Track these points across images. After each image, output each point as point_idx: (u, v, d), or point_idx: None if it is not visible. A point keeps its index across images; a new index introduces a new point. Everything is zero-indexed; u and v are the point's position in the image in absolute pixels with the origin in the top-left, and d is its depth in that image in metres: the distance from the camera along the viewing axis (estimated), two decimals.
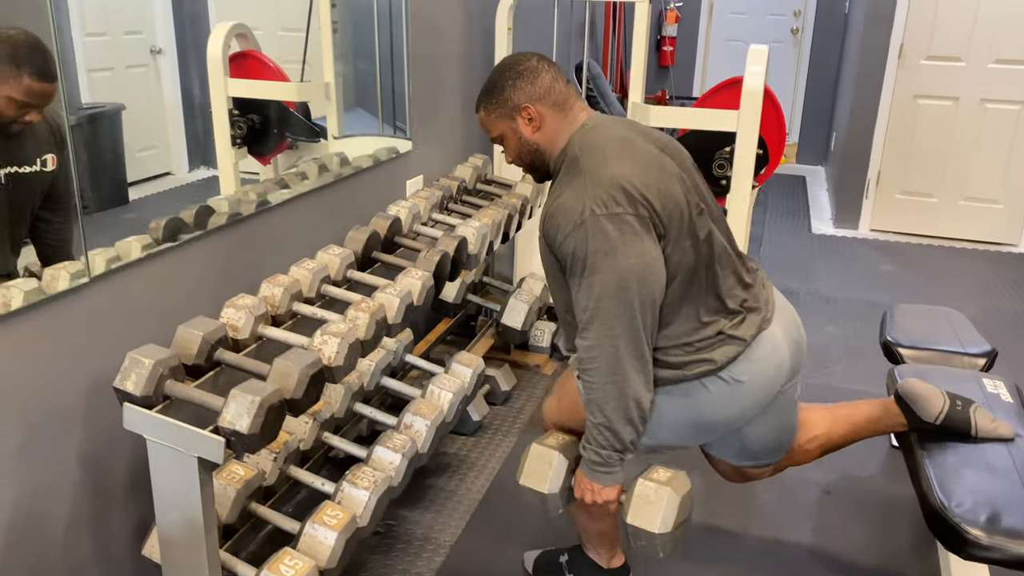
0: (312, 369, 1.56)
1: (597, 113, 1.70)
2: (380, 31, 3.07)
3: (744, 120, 2.97)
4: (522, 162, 1.73)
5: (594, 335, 1.52)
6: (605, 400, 1.54)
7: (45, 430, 1.54)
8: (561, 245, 1.54)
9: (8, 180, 1.53)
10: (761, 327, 1.65)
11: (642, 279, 1.50)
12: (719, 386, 1.63)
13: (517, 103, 1.65)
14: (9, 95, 1.48)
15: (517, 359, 3.17)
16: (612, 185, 1.51)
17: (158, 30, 2.72)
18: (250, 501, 1.80)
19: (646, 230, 1.52)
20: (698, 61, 6.77)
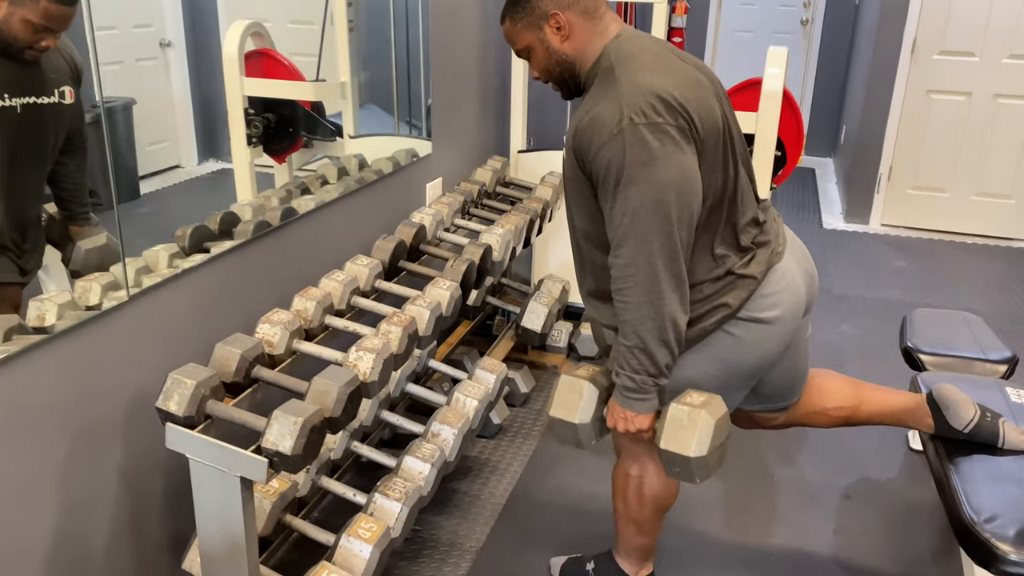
0: (350, 387, 1.57)
1: (629, 26, 1.64)
2: (396, 29, 3.06)
3: (763, 122, 2.97)
4: (550, 76, 1.66)
5: (630, 251, 1.47)
6: (640, 321, 1.50)
7: (86, 446, 1.56)
8: (595, 158, 1.48)
9: (25, 110, 1.46)
10: (771, 261, 1.63)
11: (681, 192, 1.45)
12: (740, 328, 1.61)
13: (545, 11, 1.58)
14: (26, 17, 1.41)
15: (534, 359, 3.19)
16: (651, 94, 1.45)
17: (167, 23, 2.72)
18: (284, 513, 1.83)
19: (687, 141, 1.46)
20: (707, 52, 6.73)
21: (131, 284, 1.68)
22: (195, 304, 1.80)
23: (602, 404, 1.69)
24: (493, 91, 3.42)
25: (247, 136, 2.71)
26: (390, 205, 2.61)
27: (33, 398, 1.43)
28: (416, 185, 2.84)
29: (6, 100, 1.43)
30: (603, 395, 1.69)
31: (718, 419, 1.58)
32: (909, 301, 3.92)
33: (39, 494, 1.47)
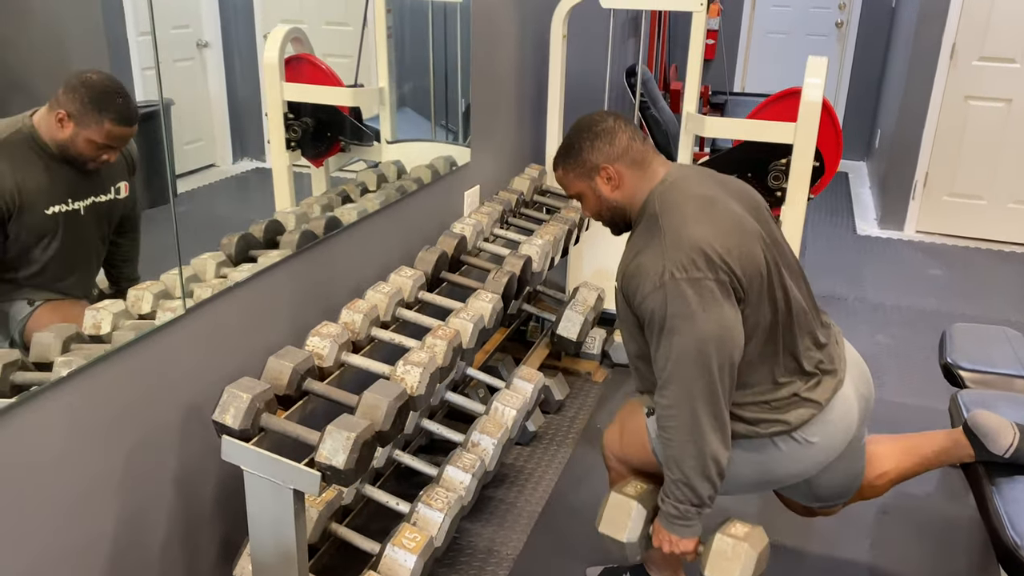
0: (399, 401, 1.61)
1: (676, 166, 1.71)
2: (434, 36, 3.09)
3: (801, 132, 2.96)
4: (601, 218, 1.75)
5: (672, 396, 1.56)
6: (683, 458, 1.58)
7: (142, 455, 1.60)
8: (640, 305, 1.57)
9: (87, 210, 1.60)
10: (836, 389, 1.69)
11: (720, 344, 1.52)
12: (790, 445, 1.67)
13: (596, 163, 1.67)
14: (90, 138, 1.53)
15: (568, 365, 3.21)
16: (692, 248, 1.53)
17: (204, 24, 2.77)
18: (331, 521, 1.87)
19: (725, 295, 1.53)
20: (740, 54, 6.71)
21: (181, 293, 1.73)
22: (246, 316, 1.84)
23: (648, 522, 1.76)
24: (530, 98, 3.45)
25: (286, 140, 2.76)
26: (430, 214, 2.65)
27: (95, 411, 1.47)
28: (455, 193, 2.87)
29: (70, 204, 1.56)
30: (650, 514, 1.77)
31: (760, 551, 1.65)
32: (945, 310, 3.89)
33: (99, 502, 1.52)
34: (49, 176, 1.52)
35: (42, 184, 1.50)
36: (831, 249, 4.74)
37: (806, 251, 4.68)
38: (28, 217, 1.48)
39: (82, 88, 1.51)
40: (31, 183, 1.48)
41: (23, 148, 1.48)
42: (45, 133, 1.50)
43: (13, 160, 1.45)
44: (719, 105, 5.83)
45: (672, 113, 4.60)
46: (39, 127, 1.50)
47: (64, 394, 1.41)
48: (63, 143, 1.51)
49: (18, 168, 1.46)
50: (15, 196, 1.45)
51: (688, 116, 3.20)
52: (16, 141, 1.47)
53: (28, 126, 1.49)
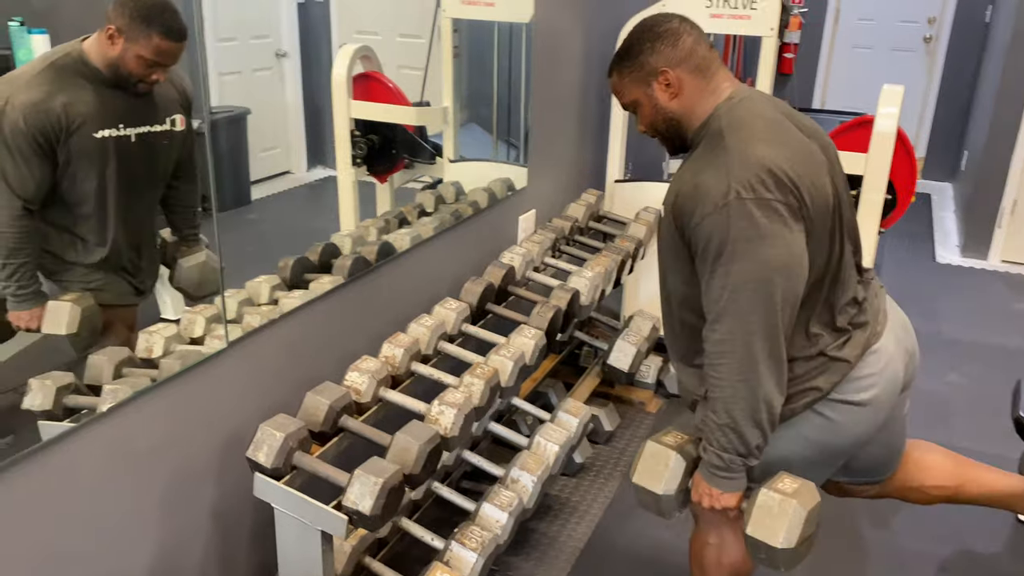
0: (431, 445, 1.60)
1: (743, 85, 1.57)
2: (499, 54, 3.09)
3: (873, 164, 2.85)
4: (656, 131, 1.61)
5: (727, 328, 1.43)
6: (734, 400, 1.45)
7: (181, 485, 1.64)
8: (697, 227, 1.43)
9: (139, 139, 1.57)
10: (868, 342, 1.57)
11: (788, 273, 1.40)
12: (835, 410, 1.56)
13: (655, 67, 1.52)
14: (139, 53, 1.50)
15: (621, 394, 3.16)
16: (761, 168, 1.40)
17: (283, 34, 2.83)
18: (364, 555, 1.88)
19: (795, 220, 1.41)
20: (820, 69, 6.50)
21: (233, 317, 1.76)
22: (291, 347, 1.87)
23: (688, 475, 1.64)
24: (592, 117, 3.41)
25: (352, 156, 2.80)
26: (484, 239, 2.64)
27: (136, 443, 1.51)
28: (509, 217, 2.85)
29: (121, 130, 1.54)
30: (690, 466, 1.65)
31: (810, 510, 1.51)
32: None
33: (137, 530, 1.56)
34: (99, 100, 1.50)
35: (91, 107, 1.48)
36: (906, 277, 4.54)
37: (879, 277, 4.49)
38: (76, 141, 1.46)
39: (131, 3, 1.50)
40: (80, 106, 1.46)
41: (71, 71, 1.47)
42: (96, 56, 1.49)
43: (61, 82, 1.45)
44: None
45: None
46: (89, 51, 1.49)
47: (107, 425, 1.45)
48: (113, 61, 1.49)
49: (66, 90, 1.45)
50: (61, 118, 1.44)
51: None
52: (65, 64, 1.47)
53: (77, 50, 1.49)
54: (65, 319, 1.48)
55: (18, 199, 1.42)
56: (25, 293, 1.45)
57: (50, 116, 1.42)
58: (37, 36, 1.49)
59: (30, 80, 1.42)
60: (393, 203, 2.83)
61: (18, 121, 1.39)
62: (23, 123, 1.39)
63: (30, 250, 1.45)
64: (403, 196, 2.81)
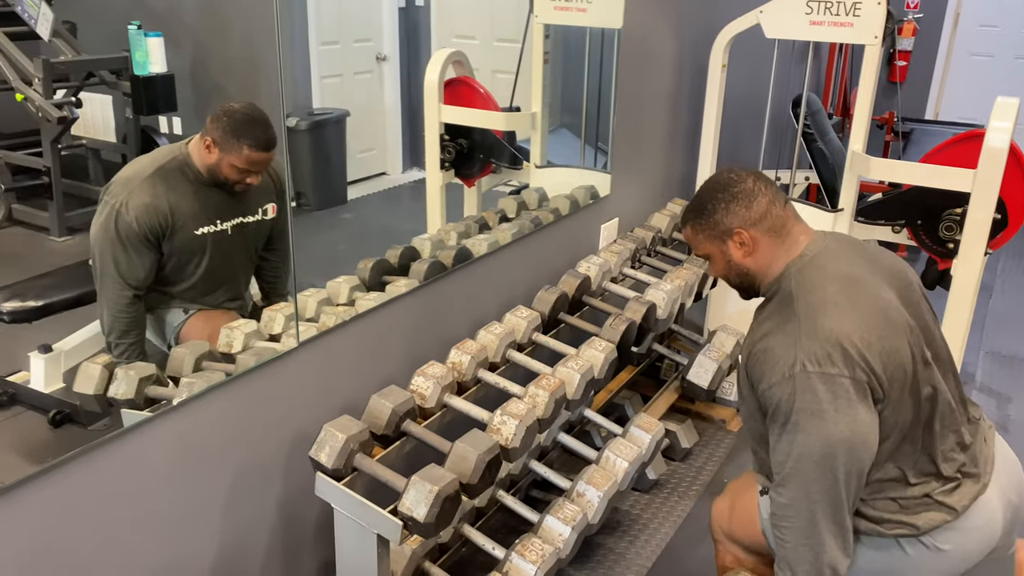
0: (489, 455, 1.59)
1: (820, 236, 1.57)
2: (590, 60, 3.06)
3: (982, 181, 2.67)
4: (728, 281, 1.65)
5: (790, 494, 1.44)
6: (797, 562, 1.46)
7: (248, 479, 1.68)
8: (765, 392, 1.45)
9: (234, 230, 1.73)
10: (977, 495, 1.50)
11: (850, 450, 1.39)
12: (918, 550, 1.50)
13: (729, 227, 1.55)
14: (232, 163, 1.64)
15: (702, 411, 3.07)
16: (829, 341, 1.40)
17: (384, 38, 2.88)
18: (424, 560, 1.88)
19: (861, 396, 1.40)
20: (935, 77, 6.17)
21: (311, 315, 1.82)
22: (361, 349, 1.89)
23: None
24: (683, 126, 3.33)
25: (440, 160, 2.83)
26: (563, 247, 2.61)
27: (207, 434, 1.56)
28: (591, 225, 2.82)
29: (218, 225, 1.70)
30: None
31: None
32: None
33: (204, 521, 1.61)
34: (199, 199, 1.66)
35: (193, 207, 1.65)
36: (1021, 300, 4.25)
37: (991, 301, 4.22)
38: (180, 237, 1.63)
39: (224, 117, 1.64)
40: (184, 206, 1.63)
41: (177, 174, 1.64)
42: (197, 160, 1.65)
43: (168, 184, 1.61)
44: (906, 134, 5.39)
45: (840, 144, 4.30)
46: (192, 154, 1.65)
47: (181, 416, 1.50)
48: (211, 167, 1.65)
49: (172, 192, 1.61)
50: (168, 217, 1.60)
51: (853, 155, 2.97)
52: (172, 168, 1.63)
53: (183, 153, 1.65)
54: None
55: (129, 288, 1.58)
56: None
57: (159, 216, 1.59)
58: (153, 39, 1.60)
59: (142, 183, 1.58)
60: (479, 207, 2.84)
61: (132, 222, 1.55)
62: (135, 224, 1.56)
63: (139, 331, 1.61)
64: (490, 200, 2.83)
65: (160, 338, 1.71)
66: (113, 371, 1.53)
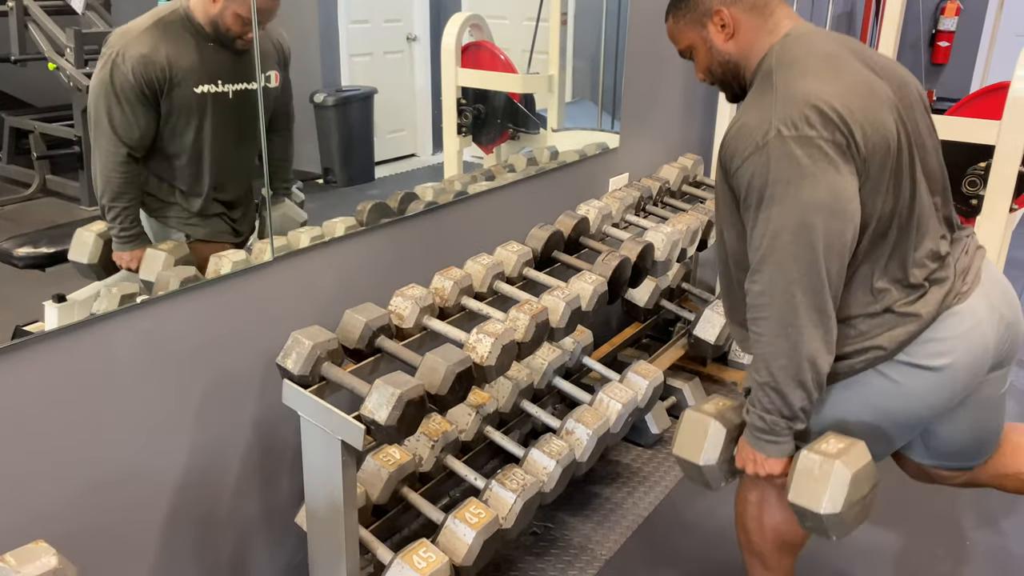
0: (459, 367, 1.56)
1: (807, 23, 1.47)
2: (607, 23, 3.02)
3: (1006, 132, 2.56)
4: (713, 77, 1.54)
5: (767, 278, 1.32)
6: (774, 356, 1.34)
7: (222, 393, 1.68)
8: (738, 171, 1.35)
9: (236, 96, 1.65)
10: (947, 302, 1.40)
11: (831, 216, 1.28)
12: (901, 372, 1.40)
13: (709, 7, 1.46)
14: (236, 11, 1.58)
15: (713, 373, 3.00)
16: (806, 103, 1.30)
17: (415, 18, 2.88)
18: (402, 485, 1.85)
19: (843, 159, 1.29)
20: (980, 59, 5.97)
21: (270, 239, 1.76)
22: (340, 272, 1.88)
23: (731, 443, 1.53)
24: (700, 87, 3.26)
25: (457, 125, 2.81)
26: (569, 196, 2.57)
27: (175, 339, 1.56)
28: (599, 179, 2.77)
29: (219, 86, 1.63)
30: (733, 433, 1.53)
31: (856, 471, 1.36)
32: None
33: (173, 429, 1.60)
34: (200, 56, 1.60)
35: (193, 62, 1.59)
36: None
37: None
38: (178, 93, 1.57)
39: None
40: (183, 60, 1.57)
41: (177, 27, 1.58)
42: (199, 13, 1.59)
43: (167, 37, 1.56)
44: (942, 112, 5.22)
45: None
46: (194, 7, 1.60)
47: (147, 315, 1.50)
48: (214, 18, 1.59)
49: (171, 45, 1.56)
50: (166, 71, 1.55)
51: None
52: (171, 21, 1.58)
53: (184, 7, 1.60)
54: (159, 268, 1.58)
55: (123, 146, 1.54)
56: (128, 235, 1.57)
57: (156, 68, 1.53)
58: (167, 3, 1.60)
59: (140, 34, 1.54)
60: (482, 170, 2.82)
61: (128, 73, 1.51)
62: (131, 75, 1.51)
63: (132, 195, 1.57)
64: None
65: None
66: (107, 240, 1.54)
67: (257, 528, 1.84)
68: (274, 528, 1.87)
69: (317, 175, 2.40)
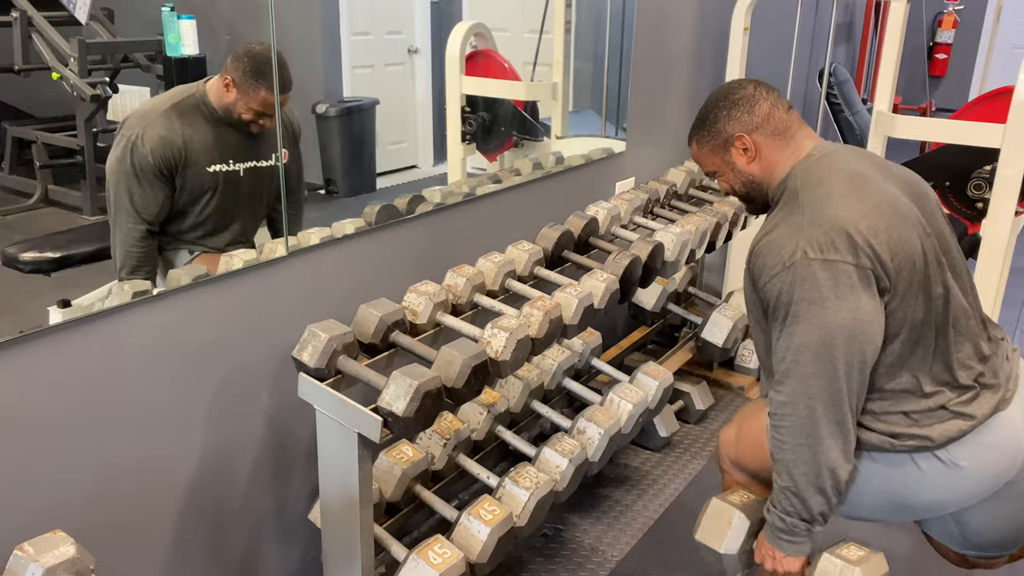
0: (475, 360, 1.55)
1: (827, 143, 1.53)
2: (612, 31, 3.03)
3: (1012, 136, 2.57)
4: (736, 193, 1.61)
5: (789, 391, 1.38)
6: (795, 464, 1.40)
7: (236, 389, 1.67)
8: (766, 286, 1.41)
9: (247, 173, 1.75)
10: (998, 407, 1.42)
11: (851, 338, 1.33)
12: (933, 466, 1.42)
13: (731, 134, 1.53)
14: (249, 104, 1.68)
15: (719, 377, 3.00)
16: (833, 228, 1.35)
17: (417, 31, 2.89)
18: (416, 483, 1.84)
19: (865, 283, 1.34)
20: (976, 71, 6.03)
21: (285, 235, 1.77)
22: (353, 270, 1.88)
23: (752, 536, 1.58)
24: (705, 88, 3.28)
25: (462, 133, 2.82)
26: (574, 199, 2.57)
27: (189, 333, 1.55)
28: (606, 183, 2.78)
29: (231, 165, 1.72)
30: (754, 527, 1.58)
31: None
32: None
33: (185, 422, 1.59)
34: (213, 137, 1.69)
35: (207, 143, 1.68)
36: None
37: None
38: (192, 171, 1.66)
39: (245, 58, 1.67)
40: (198, 141, 1.66)
41: (193, 110, 1.67)
42: (214, 98, 1.68)
43: (184, 120, 1.64)
44: None
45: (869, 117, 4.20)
46: (210, 93, 1.68)
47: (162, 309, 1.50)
48: (227, 106, 1.68)
49: (188, 127, 1.64)
50: (182, 151, 1.63)
51: (878, 115, 2.89)
52: (189, 104, 1.67)
53: (201, 91, 1.69)
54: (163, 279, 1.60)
55: (143, 222, 1.60)
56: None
57: (173, 149, 1.62)
58: (185, 21, 1.65)
59: (158, 117, 1.62)
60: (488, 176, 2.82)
61: (147, 155, 1.59)
62: (151, 156, 1.59)
63: (150, 268, 1.62)
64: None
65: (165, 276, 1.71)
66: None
67: (269, 525, 1.82)
68: (285, 526, 1.86)
69: (319, 186, 2.40)
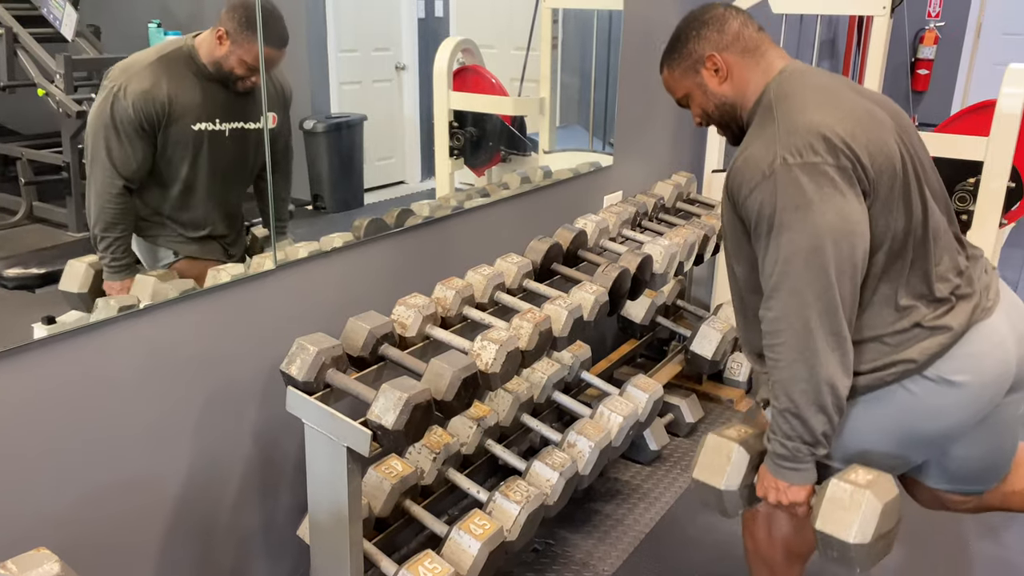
0: (465, 373, 1.54)
1: (799, 62, 1.50)
2: (598, 47, 3.06)
3: (995, 148, 2.61)
4: (710, 119, 1.56)
5: (780, 304, 1.33)
6: (792, 382, 1.33)
7: (223, 403, 1.65)
8: (746, 201, 1.36)
9: (232, 134, 1.67)
10: (974, 316, 1.39)
11: (840, 239, 1.29)
12: (924, 387, 1.38)
13: (701, 54, 1.49)
14: (242, 57, 1.61)
15: (709, 391, 3.00)
16: (810, 131, 1.32)
17: (404, 48, 2.90)
18: (404, 498, 1.83)
19: (848, 183, 1.31)
20: (958, 86, 6.10)
21: (273, 249, 1.75)
22: (341, 283, 1.87)
23: (752, 470, 1.51)
24: None
25: (450, 148, 2.82)
26: (562, 212, 2.58)
27: (177, 347, 1.54)
28: (594, 196, 2.79)
29: (216, 124, 1.65)
30: (755, 460, 1.51)
31: (886, 503, 1.35)
32: None
33: (173, 439, 1.58)
34: (200, 93, 1.61)
35: (193, 99, 1.60)
36: None
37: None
38: (175, 128, 1.58)
39: (241, 8, 1.60)
40: (183, 97, 1.58)
41: (180, 64, 1.60)
42: (204, 52, 1.61)
43: (169, 74, 1.57)
44: None
45: None
46: (199, 47, 1.61)
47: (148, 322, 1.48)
48: (218, 60, 1.61)
49: (173, 81, 1.57)
50: (165, 106, 1.56)
51: None
52: (175, 58, 1.59)
53: (189, 45, 1.62)
54: (149, 293, 1.55)
55: (120, 178, 1.54)
56: (118, 265, 1.55)
57: (156, 104, 1.55)
58: (172, 37, 1.63)
59: (142, 69, 1.56)
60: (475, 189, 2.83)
61: (128, 107, 1.52)
62: (132, 109, 1.53)
63: (125, 226, 1.56)
64: None
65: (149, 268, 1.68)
66: (99, 270, 1.52)
67: (257, 541, 1.80)
68: (274, 542, 1.84)
69: (306, 201, 2.40)
